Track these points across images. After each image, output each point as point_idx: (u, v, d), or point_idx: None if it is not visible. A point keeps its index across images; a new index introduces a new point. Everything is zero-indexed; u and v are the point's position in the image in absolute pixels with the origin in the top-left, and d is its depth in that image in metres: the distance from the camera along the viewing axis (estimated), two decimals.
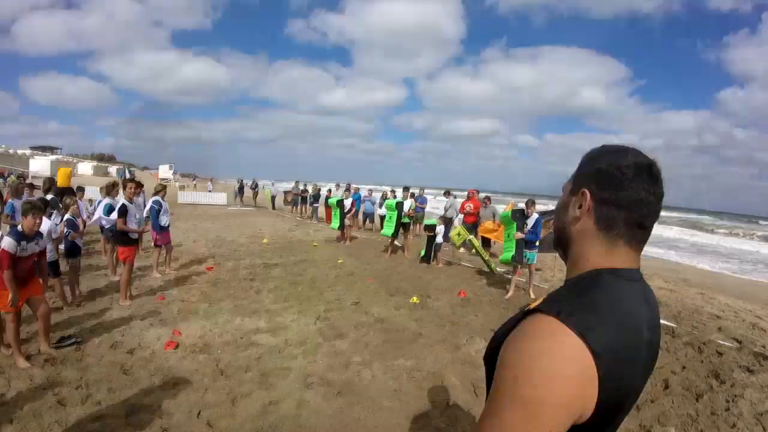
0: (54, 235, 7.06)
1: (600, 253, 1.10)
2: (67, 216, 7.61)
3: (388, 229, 13.29)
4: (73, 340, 5.83)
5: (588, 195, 1.12)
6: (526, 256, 9.29)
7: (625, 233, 1.08)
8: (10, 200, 8.97)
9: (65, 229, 7.41)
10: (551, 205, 12.57)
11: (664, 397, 5.04)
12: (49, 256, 7.01)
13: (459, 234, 11.95)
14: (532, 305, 1.03)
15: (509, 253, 9.52)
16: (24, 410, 4.22)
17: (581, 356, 0.92)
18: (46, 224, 7.00)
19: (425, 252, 12.30)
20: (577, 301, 1.01)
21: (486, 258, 11.59)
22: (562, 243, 1.22)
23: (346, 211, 15.16)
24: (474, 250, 12.43)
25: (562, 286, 1.11)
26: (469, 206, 14.79)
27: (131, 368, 5.23)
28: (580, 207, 1.14)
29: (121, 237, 7.82)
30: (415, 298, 8.55)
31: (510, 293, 9.31)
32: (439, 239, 12.16)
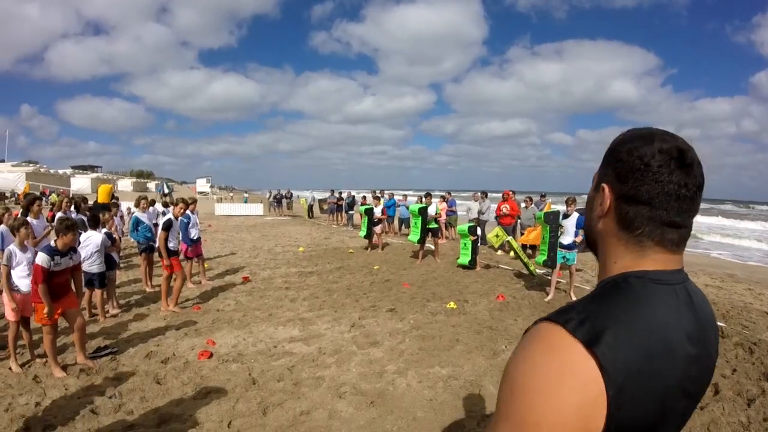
0: (105, 247, 7.21)
1: (627, 255, 0.96)
2: (104, 230, 7.74)
3: (414, 235, 13.14)
4: (109, 350, 5.87)
5: (607, 191, 0.98)
6: (564, 257, 8.94)
7: (652, 232, 0.93)
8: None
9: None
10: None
11: (714, 404, 4.70)
12: (97, 268, 7.15)
13: (497, 235, 11.70)
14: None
15: (543, 256, 9.26)
16: (58, 418, 4.23)
17: (587, 373, 0.80)
18: (98, 238, 7.18)
19: (471, 257, 11.81)
20: (593, 309, 0.87)
21: (525, 260, 11.31)
22: (590, 244, 1.09)
23: (375, 219, 14.94)
24: (512, 252, 12.16)
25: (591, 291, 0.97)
26: (506, 207, 14.47)
27: (164, 378, 5.20)
28: (601, 204, 1.00)
29: (167, 249, 7.96)
30: (452, 304, 8.35)
31: (550, 296, 9.02)
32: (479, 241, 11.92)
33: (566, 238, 8.84)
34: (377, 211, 15.06)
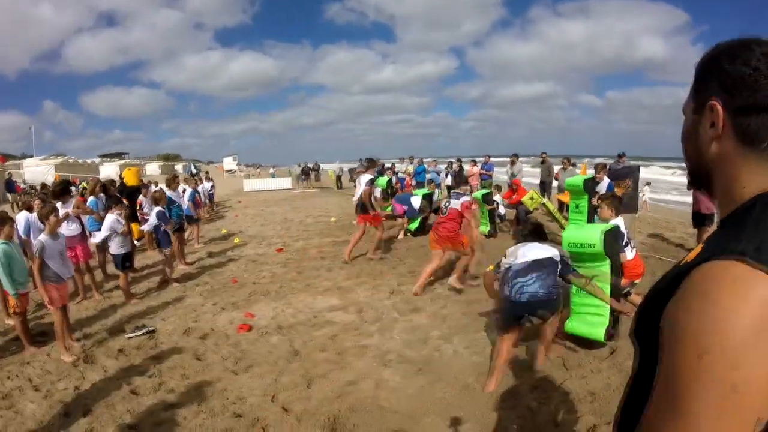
0: (118, 229, 7.14)
1: (757, 175, 0.83)
2: (157, 209, 8.11)
3: (413, 223, 11.52)
4: (146, 329, 5.76)
5: (719, 107, 0.85)
6: None
7: None
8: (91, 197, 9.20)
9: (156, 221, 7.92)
10: (621, 164, 11.43)
11: None
12: (115, 249, 7.11)
13: (532, 198, 11.31)
14: (691, 256, 0.80)
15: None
16: (97, 401, 4.11)
17: None
18: (109, 219, 7.15)
19: (489, 225, 11.09)
20: (757, 234, 0.74)
21: (561, 222, 10.94)
22: (701, 178, 0.95)
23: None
24: (549, 215, 11.78)
25: (718, 228, 0.88)
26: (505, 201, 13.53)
27: (204, 353, 5.08)
28: (712, 126, 0.87)
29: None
30: (491, 267, 8.05)
31: None
32: (501, 210, 11.31)
33: None
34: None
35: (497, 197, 11.63)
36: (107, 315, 6.46)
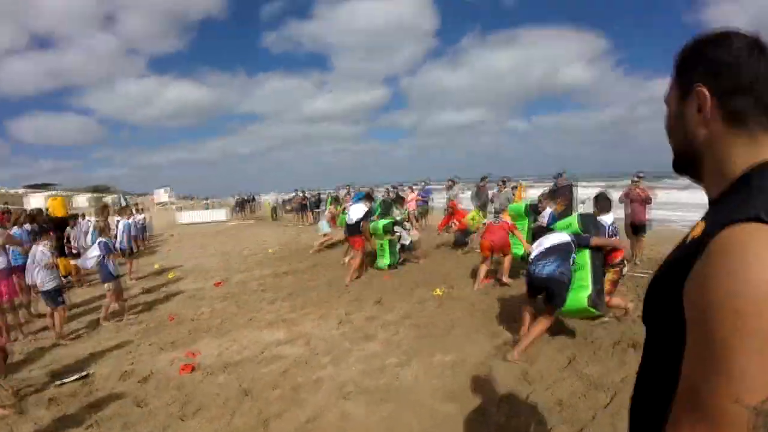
0: (43, 262, 6.61)
1: (745, 152, 0.92)
2: (100, 239, 7.73)
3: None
4: (79, 374, 5.31)
5: (706, 92, 0.94)
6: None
7: (761, 119, 0.92)
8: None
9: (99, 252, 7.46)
10: (546, 188, 11.74)
11: None
12: (50, 282, 6.59)
13: (473, 218, 11.42)
14: (696, 233, 0.87)
15: (520, 249, 8.73)
16: None
17: None
18: (35, 251, 6.68)
19: (389, 258, 10.20)
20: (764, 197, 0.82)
21: None
22: (688, 162, 1.03)
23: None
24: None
25: (712, 205, 0.96)
26: (455, 223, 13.46)
27: (146, 399, 4.69)
28: (699, 110, 0.96)
29: None
30: (438, 290, 8.02)
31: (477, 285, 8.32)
32: (407, 240, 10.54)
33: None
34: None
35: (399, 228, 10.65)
36: (34, 359, 5.93)
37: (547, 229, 7.18)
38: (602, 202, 5.99)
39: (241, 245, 16.59)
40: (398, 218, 10.92)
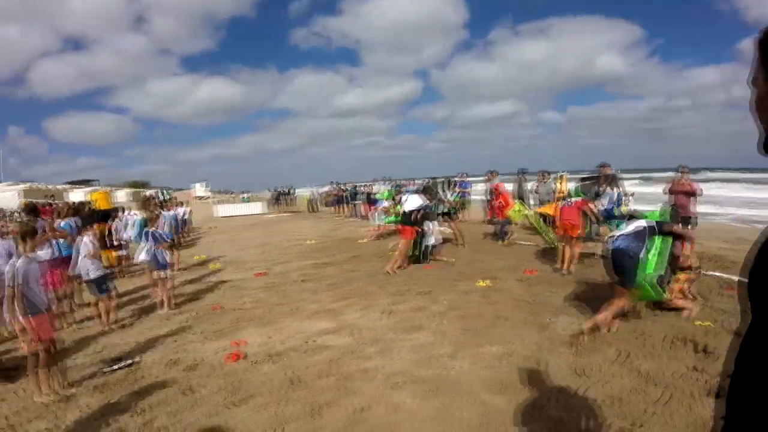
0: (87, 252, 6.73)
1: None
2: (149, 230, 7.84)
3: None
4: (126, 361, 5.34)
5: None
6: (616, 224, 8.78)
7: None
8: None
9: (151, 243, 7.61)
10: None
11: None
12: (96, 272, 6.68)
13: (518, 210, 11.21)
14: None
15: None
16: None
17: None
18: (80, 242, 6.82)
19: (417, 250, 10.04)
20: None
21: (545, 234, 10.87)
22: None
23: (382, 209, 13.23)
24: (533, 227, 11.68)
25: None
26: (499, 203, 13.31)
27: (193, 387, 4.67)
28: None
29: None
30: (482, 282, 7.88)
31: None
32: (431, 240, 10.14)
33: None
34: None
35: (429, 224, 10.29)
36: (80, 348, 6.01)
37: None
38: None
39: (280, 237, 16.69)
40: (450, 197, 11.75)
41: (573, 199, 8.78)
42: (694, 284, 6.13)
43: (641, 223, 5.53)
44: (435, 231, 10.18)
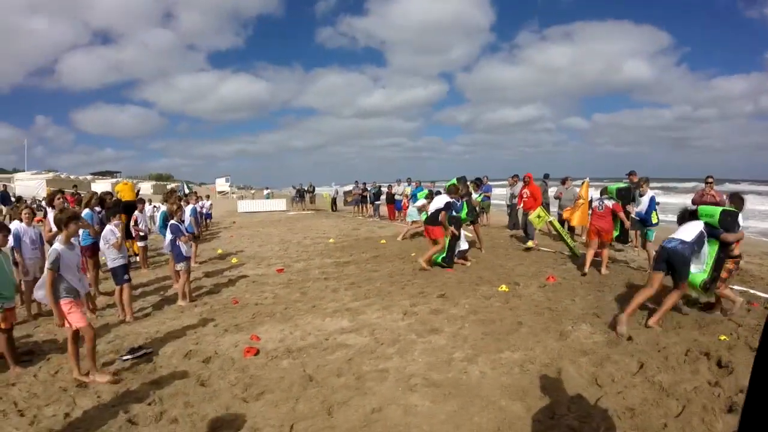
0: (111, 241, 6.83)
1: None
2: (171, 222, 7.86)
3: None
4: (143, 351, 5.35)
5: None
6: (645, 234, 9.18)
7: None
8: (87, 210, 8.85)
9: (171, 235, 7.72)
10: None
11: None
12: (116, 260, 6.76)
13: (539, 216, 11.04)
14: None
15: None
16: (91, 431, 3.71)
17: None
18: (105, 232, 6.98)
19: (444, 254, 9.67)
20: None
21: (568, 240, 10.72)
22: None
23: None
24: (556, 233, 11.53)
25: None
26: (526, 193, 13.24)
27: (209, 379, 4.66)
28: None
29: None
30: (503, 287, 7.76)
31: (604, 269, 8.86)
32: (464, 245, 10.07)
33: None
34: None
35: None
36: (99, 335, 6.02)
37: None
38: (737, 202, 6.54)
39: (302, 234, 16.71)
40: (475, 196, 11.65)
41: (605, 203, 8.81)
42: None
43: (699, 226, 5.77)
44: (463, 236, 10.11)
